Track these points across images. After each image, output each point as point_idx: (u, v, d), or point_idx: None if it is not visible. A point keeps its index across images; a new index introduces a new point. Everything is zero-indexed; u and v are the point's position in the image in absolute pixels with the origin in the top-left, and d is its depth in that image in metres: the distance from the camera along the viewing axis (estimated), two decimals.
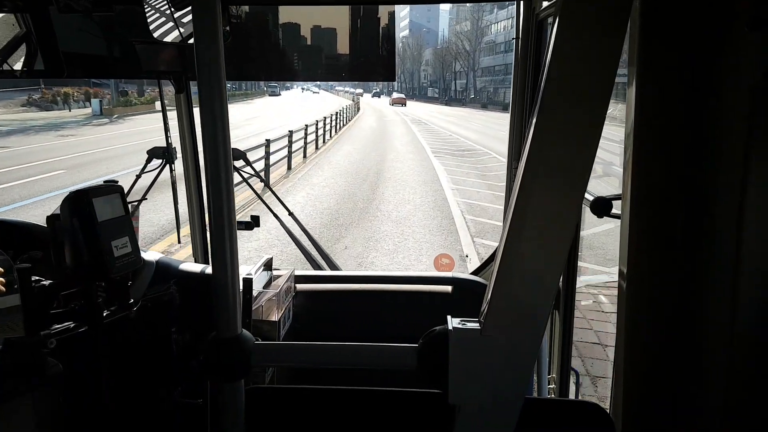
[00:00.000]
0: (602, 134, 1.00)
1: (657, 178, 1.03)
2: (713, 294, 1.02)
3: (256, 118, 33.82)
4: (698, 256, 1.03)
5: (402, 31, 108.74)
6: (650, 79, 1.01)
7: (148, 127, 27.12)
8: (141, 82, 39.73)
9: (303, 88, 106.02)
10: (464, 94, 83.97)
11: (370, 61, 2.39)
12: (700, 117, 0.99)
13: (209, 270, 2.23)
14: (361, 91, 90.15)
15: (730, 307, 1.00)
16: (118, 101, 37.08)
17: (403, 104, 60.60)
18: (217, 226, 1.12)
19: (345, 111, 35.10)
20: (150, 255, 2.14)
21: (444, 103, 78.14)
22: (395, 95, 68.53)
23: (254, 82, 71.22)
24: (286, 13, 2.39)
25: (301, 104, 57.38)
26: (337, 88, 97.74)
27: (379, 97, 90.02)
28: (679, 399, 1.09)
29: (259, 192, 2.96)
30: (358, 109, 50.32)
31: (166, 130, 2.72)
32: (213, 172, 1.10)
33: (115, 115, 34.05)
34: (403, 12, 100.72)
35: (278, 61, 2.50)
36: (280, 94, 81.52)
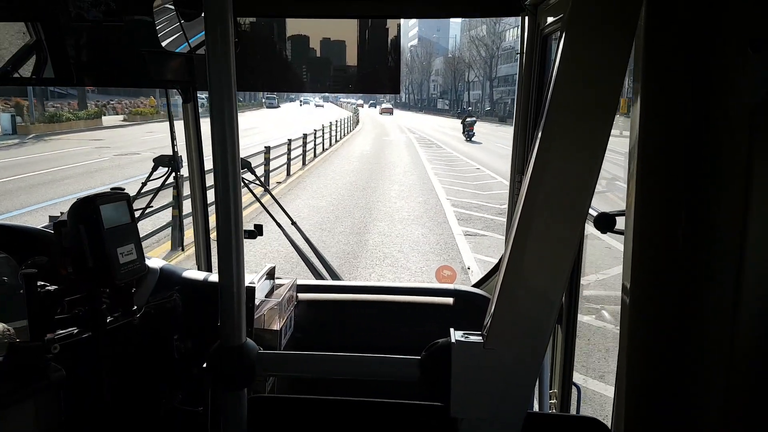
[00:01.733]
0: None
1: (661, 194, 1.04)
2: (717, 309, 1.03)
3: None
4: (702, 272, 1.03)
5: (411, 40, 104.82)
6: (654, 95, 1.02)
7: (65, 151, 20.27)
8: (82, 92, 32.42)
9: (301, 101, 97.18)
10: (479, 106, 76.89)
11: (374, 73, 2.41)
12: (705, 134, 1.00)
13: (212, 278, 2.23)
14: (361, 102, 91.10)
15: (733, 324, 1.00)
16: (43, 115, 28.26)
17: (390, 113, 75.15)
18: (223, 234, 1.12)
19: (332, 127, 27.28)
20: (154, 262, 2.15)
21: (456, 115, 69.87)
22: (384, 105, 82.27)
23: (251, 94, 69.83)
24: (293, 26, 2.42)
25: (295, 118, 49.64)
26: (342, 99, 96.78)
27: (375, 107, 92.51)
28: (682, 416, 1.08)
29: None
30: (357, 122, 45.54)
31: (173, 138, 2.75)
32: (221, 181, 1.11)
33: (32, 135, 25.57)
34: (412, 20, 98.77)
35: (283, 73, 2.53)
36: (278, 106, 77.20)
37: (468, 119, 34.63)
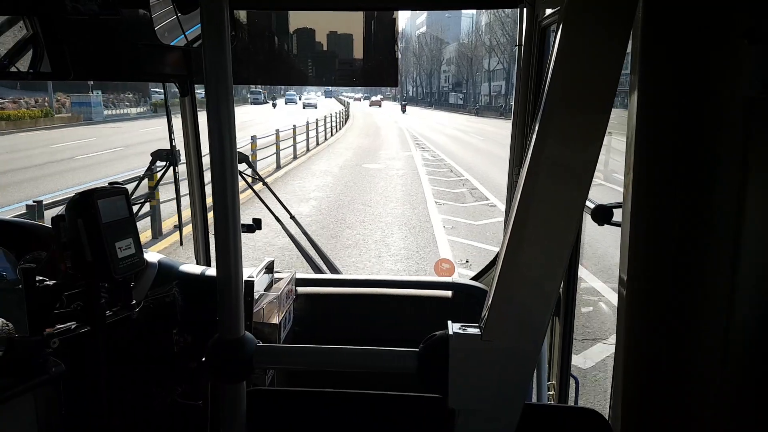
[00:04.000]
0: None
1: (658, 186, 1.04)
2: (713, 302, 1.03)
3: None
4: (698, 265, 1.04)
5: (419, 27, 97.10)
6: (652, 88, 1.02)
7: None
8: None
9: (274, 103, 65.61)
10: (500, 100, 63.53)
11: (371, 67, 2.40)
12: (701, 127, 1.00)
13: (210, 272, 2.24)
14: (359, 96, 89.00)
15: (729, 316, 1.01)
16: None
17: (379, 105, 77.20)
18: (221, 228, 1.13)
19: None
20: (152, 256, 2.15)
21: (474, 112, 60.88)
22: (373, 98, 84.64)
23: (234, 88, 63.79)
24: (289, 19, 2.40)
25: (269, 118, 37.27)
26: (343, 95, 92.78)
27: (368, 99, 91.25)
28: (678, 407, 1.09)
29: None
30: (346, 119, 36.29)
31: (170, 132, 2.74)
32: (219, 175, 1.11)
33: None
34: None
35: (279, 66, 2.52)
36: (266, 102, 65.44)
37: (403, 103, 61.78)
